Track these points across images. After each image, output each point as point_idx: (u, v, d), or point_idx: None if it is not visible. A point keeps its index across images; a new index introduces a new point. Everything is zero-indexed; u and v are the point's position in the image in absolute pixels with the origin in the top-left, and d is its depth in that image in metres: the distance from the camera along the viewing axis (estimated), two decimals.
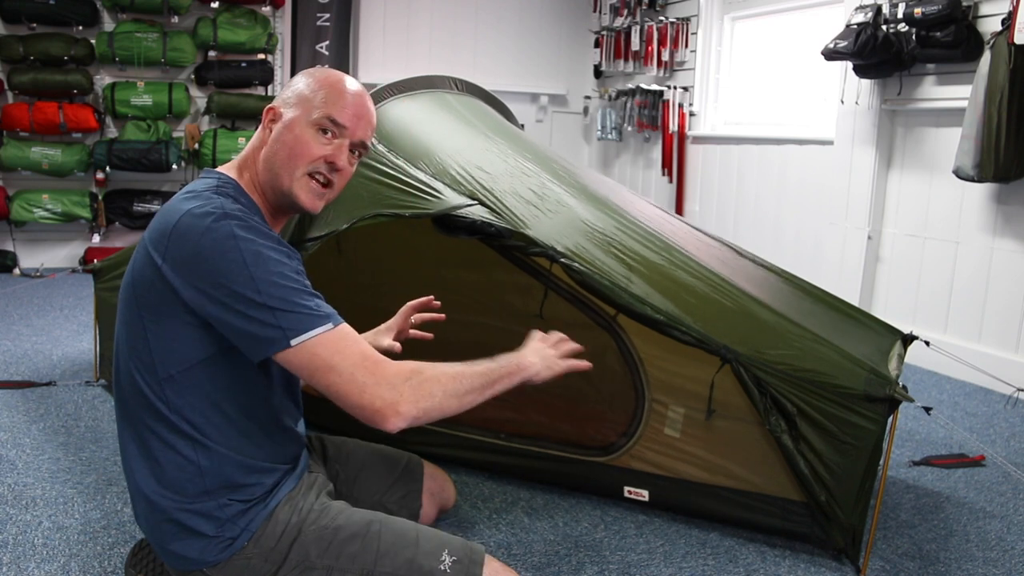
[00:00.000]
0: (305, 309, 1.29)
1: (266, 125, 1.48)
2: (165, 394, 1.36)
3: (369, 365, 1.30)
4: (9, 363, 3.37)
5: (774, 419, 1.93)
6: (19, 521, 2.07)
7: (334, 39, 5.93)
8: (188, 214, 1.32)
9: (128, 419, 1.42)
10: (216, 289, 1.28)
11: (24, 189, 5.19)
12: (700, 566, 2.02)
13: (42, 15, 5.07)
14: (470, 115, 2.65)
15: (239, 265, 1.28)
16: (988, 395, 3.58)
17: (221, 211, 1.32)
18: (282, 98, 1.49)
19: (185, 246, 1.30)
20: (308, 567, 1.41)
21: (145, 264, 1.35)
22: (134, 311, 1.37)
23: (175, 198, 1.40)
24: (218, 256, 1.28)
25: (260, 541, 1.41)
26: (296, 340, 1.27)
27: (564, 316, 2.48)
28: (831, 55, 4.03)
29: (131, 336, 1.39)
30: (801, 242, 4.88)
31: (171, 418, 1.37)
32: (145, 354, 1.36)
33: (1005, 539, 2.25)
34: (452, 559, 1.42)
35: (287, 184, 1.44)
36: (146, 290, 1.35)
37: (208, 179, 1.45)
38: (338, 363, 1.28)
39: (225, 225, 1.30)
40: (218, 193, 1.38)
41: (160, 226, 1.36)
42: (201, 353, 1.35)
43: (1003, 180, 3.45)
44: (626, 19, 6.13)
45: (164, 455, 1.38)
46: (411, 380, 1.30)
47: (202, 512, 1.39)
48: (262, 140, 1.48)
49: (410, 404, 1.29)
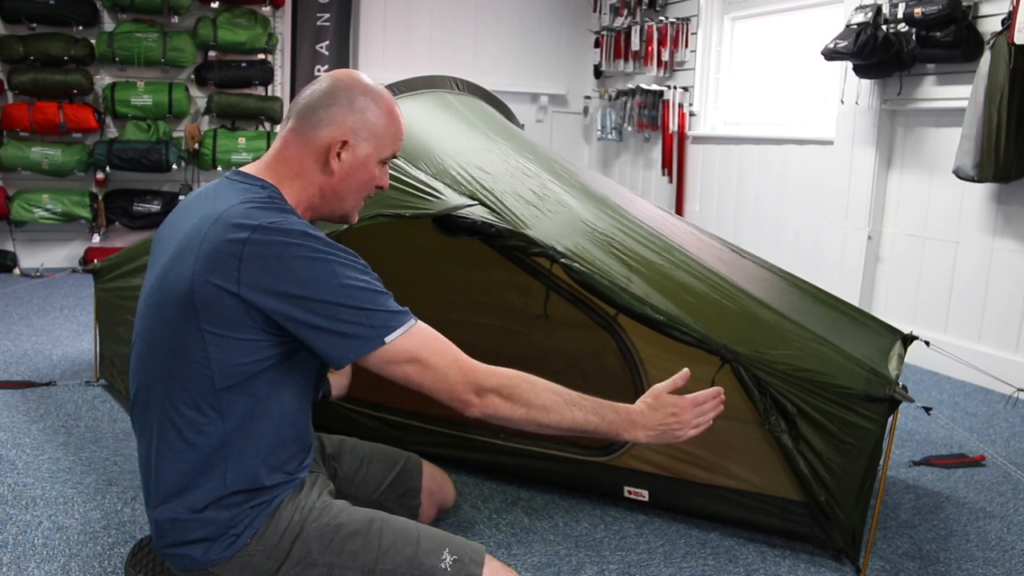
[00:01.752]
0: (391, 307, 1.35)
1: (334, 154, 1.45)
2: (219, 403, 1.35)
3: (464, 366, 1.39)
4: (9, 363, 3.37)
5: (774, 419, 1.93)
6: (19, 521, 2.07)
7: (334, 39, 5.94)
8: (260, 229, 1.30)
9: (156, 421, 1.39)
10: (306, 299, 1.29)
11: (24, 189, 5.19)
12: (700, 566, 2.02)
13: (42, 15, 5.07)
14: (471, 115, 2.65)
15: (327, 274, 1.31)
16: (988, 395, 3.58)
17: (292, 225, 1.33)
18: (351, 128, 1.45)
19: (266, 262, 1.29)
20: (310, 564, 1.41)
21: (210, 279, 1.30)
22: (192, 324, 1.32)
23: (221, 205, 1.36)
24: (305, 268, 1.30)
25: (263, 538, 1.41)
26: (389, 337, 1.33)
27: (564, 316, 2.48)
28: (831, 55, 4.03)
29: (183, 345, 1.34)
30: (801, 242, 4.88)
31: (209, 428, 1.35)
32: (202, 365, 1.33)
33: (1005, 539, 2.25)
34: (453, 558, 1.43)
35: (346, 211, 1.53)
36: (212, 304, 1.30)
37: (253, 188, 1.41)
38: (431, 359, 1.36)
39: (302, 237, 1.32)
40: (277, 208, 1.38)
41: (225, 241, 1.30)
42: (263, 364, 1.35)
43: (1003, 180, 3.45)
44: (626, 19, 6.13)
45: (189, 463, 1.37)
46: (502, 389, 1.40)
47: (214, 520, 1.38)
48: (326, 166, 1.45)
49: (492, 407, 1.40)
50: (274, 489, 1.43)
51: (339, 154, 1.45)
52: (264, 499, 1.42)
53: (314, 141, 1.45)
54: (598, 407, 1.45)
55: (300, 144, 1.46)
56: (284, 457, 1.44)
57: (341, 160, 1.46)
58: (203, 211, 1.37)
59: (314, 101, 1.47)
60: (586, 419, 1.43)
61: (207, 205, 1.39)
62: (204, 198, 1.44)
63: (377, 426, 2.44)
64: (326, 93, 1.47)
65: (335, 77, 1.49)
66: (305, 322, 1.30)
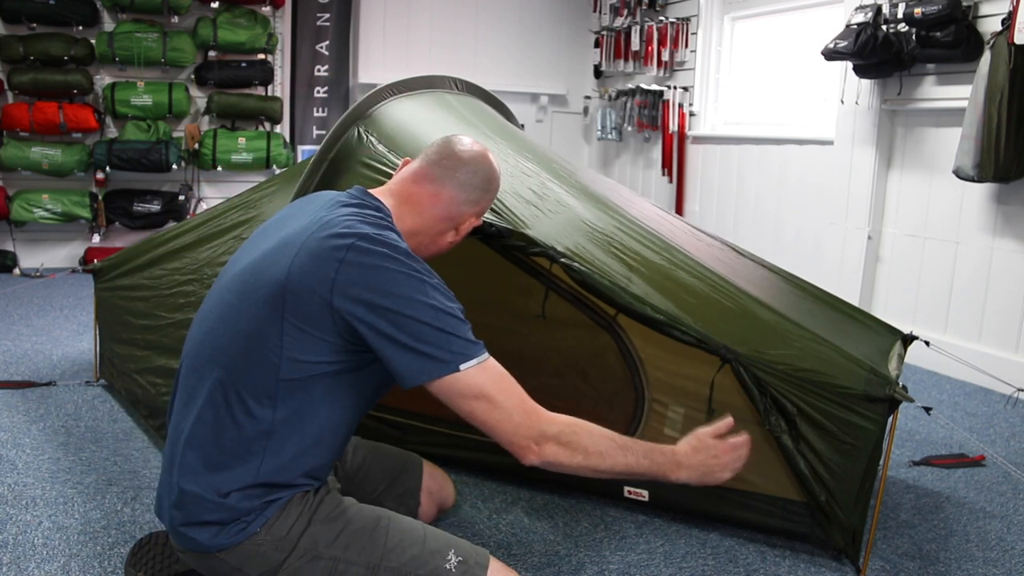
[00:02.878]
0: (470, 337, 1.38)
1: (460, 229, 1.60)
2: (276, 393, 1.37)
3: (527, 409, 1.39)
4: (9, 363, 3.37)
5: (774, 419, 1.93)
6: (19, 521, 2.07)
7: (334, 39, 5.94)
8: (366, 238, 1.36)
9: (212, 397, 1.40)
10: (394, 312, 1.32)
11: (24, 189, 5.19)
12: (700, 566, 2.02)
13: (42, 15, 5.07)
14: (470, 115, 2.65)
15: (419, 292, 1.34)
16: (988, 395, 3.58)
17: (394, 241, 1.39)
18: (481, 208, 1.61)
19: (364, 270, 1.33)
20: (316, 557, 1.42)
21: (309, 274, 1.34)
22: (276, 312, 1.35)
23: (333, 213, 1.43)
24: (400, 282, 1.34)
25: (272, 529, 1.42)
26: (464, 365, 1.34)
27: (564, 316, 2.48)
28: (831, 55, 4.03)
29: (260, 329, 1.37)
30: (801, 242, 4.88)
31: (265, 416, 1.38)
32: (274, 352, 1.36)
33: (1005, 539, 2.25)
34: (458, 559, 1.44)
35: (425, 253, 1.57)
36: (301, 299, 1.34)
37: (373, 206, 1.48)
38: (498, 398, 1.37)
39: (402, 254, 1.38)
40: (385, 226, 1.44)
41: (329, 244, 1.36)
42: (330, 368, 1.38)
43: (1003, 180, 3.45)
44: (626, 19, 6.13)
45: (233, 445, 1.38)
46: (562, 435, 1.40)
47: (234, 506, 1.39)
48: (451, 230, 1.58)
49: (552, 454, 1.39)
50: (297, 488, 1.45)
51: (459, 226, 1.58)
52: (283, 495, 1.43)
53: (452, 205, 1.56)
54: (648, 451, 1.47)
55: (433, 195, 1.54)
56: (317, 462, 1.46)
57: (458, 233, 1.59)
58: (316, 215, 1.43)
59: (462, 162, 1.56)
60: (638, 463, 1.45)
61: (321, 210, 1.45)
62: (320, 203, 1.49)
63: (377, 426, 2.44)
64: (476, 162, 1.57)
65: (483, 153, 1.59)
66: (387, 335, 1.33)
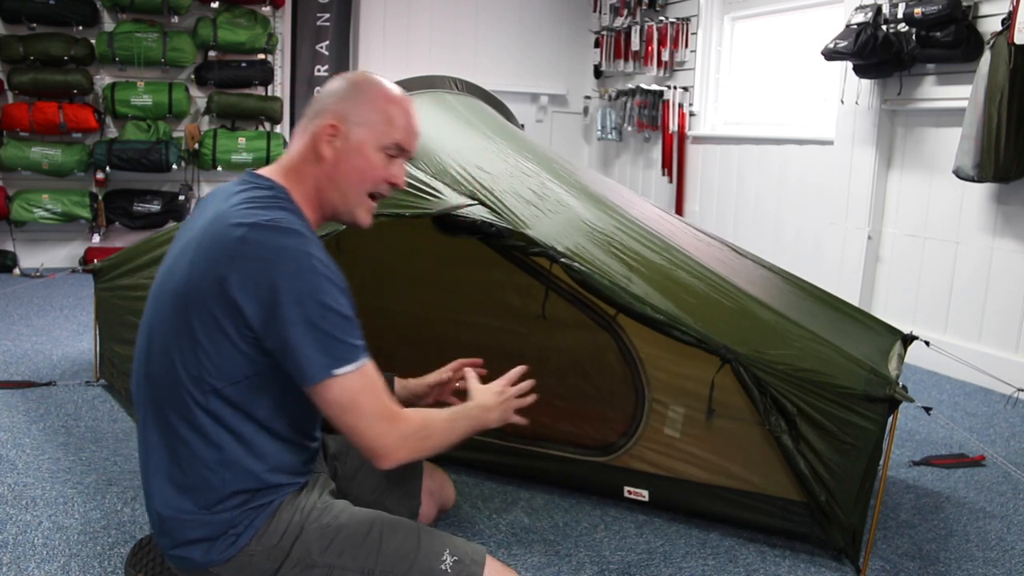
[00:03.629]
0: (352, 339, 1.32)
1: (326, 140, 1.43)
2: (209, 403, 1.34)
3: (389, 415, 1.37)
4: (9, 363, 3.37)
5: (774, 419, 1.93)
6: (19, 521, 2.07)
7: (334, 39, 5.94)
8: (256, 228, 1.30)
9: (157, 422, 1.39)
10: (283, 307, 1.28)
11: (24, 189, 5.19)
12: (700, 566, 2.02)
13: (42, 15, 5.07)
14: (470, 115, 2.65)
15: (311, 287, 1.29)
16: (988, 395, 3.58)
17: (290, 227, 1.32)
18: (342, 113, 1.43)
19: (256, 263, 1.28)
20: (310, 565, 1.41)
21: (204, 276, 1.31)
22: (183, 320, 1.33)
23: (226, 204, 1.37)
24: (290, 276, 1.28)
25: (263, 539, 1.41)
26: (340, 371, 1.30)
27: (564, 316, 2.48)
28: (831, 55, 4.03)
29: (179, 344, 1.35)
30: (801, 242, 4.88)
31: (208, 428, 1.35)
32: (193, 363, 1.33)
33: (1005, 539, 2.25)
34: (453, 559, 1.43)
35: (353, 205, 1.46)
36: (203, 302, 1.31)
37: (260, 187, 1.41)
38: (366, 406, 1.34)
39: (297, 244, 1.30)
40: (279, 207, 1.37)
41: (222, 238, 1.31)
42: (251, 369, 1.34)
43: (1003, 180, 3.45)
44: (626, 19, 6.13)
45: (190, 463, 1.37)
46: (417, 434, 1.41)
47: (213, 521, 1.38)
48: (319, 155, 1.43)
49: (407, 453, 1.40)
50: (277, 489, 1.43)
51: (332, 141, 1.43)
52: (265, 500, 1.42)
53: (309, 132, 1.45)
54: (466, 412, 1.55)
55: (301, 140, 1.46)
56: (283, 459, 1.44)
57: (333, 147, 1.43)
58: (214, 209, 1.39)
59: (319, 98, 1.48)
60: (467, 426, 1.53)
61: (218, 203, 1.40)
62: (217, 197, 1.44)
63: None
64: (329, 89, 1.48)
65: (344, 75, 1.50)
66: (275, 334, 1.29)
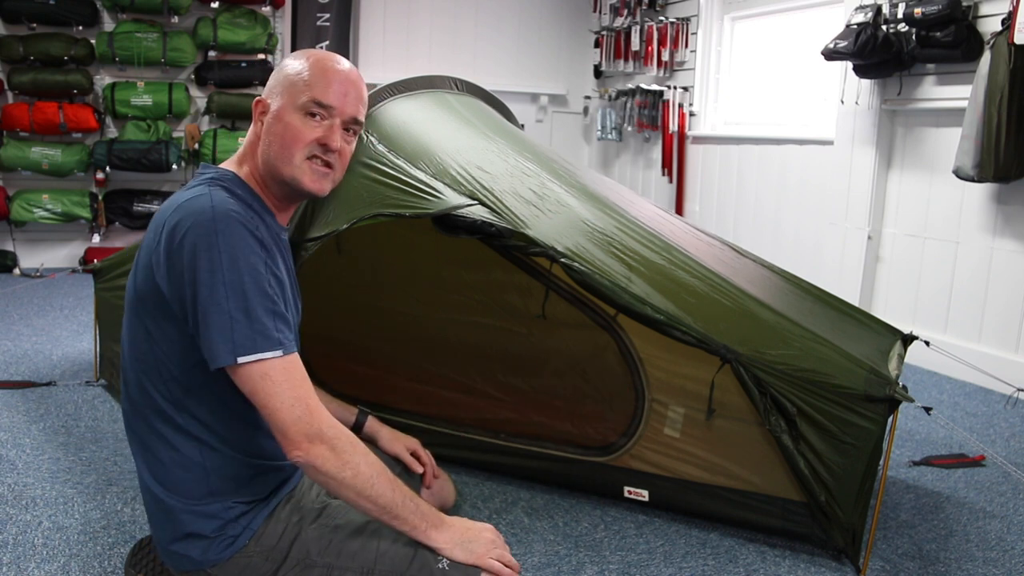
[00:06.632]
0: (262, 329, 1.27)
1: (257, 118, 1.47)
2: (172, 395, 1.37)
3: (312, 407, 1.29)
4: (9, 363, 3.37)
5: (774, 419, 1.93)
6: (19, 521, 2.07)
7: (334, 39, 5.93)
8: (179, 209, 1.33)
9: (135, 422, 1.44)
10: (189, 287, 1.28)
11: (24, 189, 5.19)
12: (700, 566, 2.02)
13: (42, 15, 5.07)
14: (470, 115, 2.65)
15: (216, 266, 1.27)
16: (988, 395, 3.58)
17: (210, 206, 1.31)
18: (268, 88, 1.48)
19: (171, 243, 1.31)
20: (308, 565, 1.41)
21: (145, 265, 1.36)
22: (135, 315, 1.39)
23: (184, 194, 1.40)
24: (198, 255, 1.28)
25: (261, 540, 1.41)
26: (243, 359, 1.26)
27: (564, 316, 2.48)
28: (831, 55, 4.03)
29: (135, 340, 1.40)
30: (801, 242, 4.88)
31: (178, 420, 1.38)
32: (149, 357, 1.37)
33: (1005, 539, 2.25)
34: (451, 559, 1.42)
35: (288, 173, 1.43)
36: (146, 293, 1.36)
37: (204, 174, 1.45)
38: (281, 391, 1.27)
39: (210, 222, 1.28)
40: (212, 186, 1.38)
41: (155, 225, 1.37)
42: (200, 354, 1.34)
43: (1003, 180, 3.45)
44: (626, 19, 6.13)
45: (169, 457, 1.39)
46: (335, 442, 1.29)
47: (206, 514, 1.39)
48: (256, 133, 1.47)
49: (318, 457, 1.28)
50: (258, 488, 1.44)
51: (261, 117, 1.46)
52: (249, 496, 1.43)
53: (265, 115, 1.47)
54: (415, 498, 1.38)
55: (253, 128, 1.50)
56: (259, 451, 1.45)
57: (263, 122, 1.45)
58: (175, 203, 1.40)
59: None
60: (403, 503, 1.34)
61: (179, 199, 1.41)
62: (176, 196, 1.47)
63: None
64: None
65: None
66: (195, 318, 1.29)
